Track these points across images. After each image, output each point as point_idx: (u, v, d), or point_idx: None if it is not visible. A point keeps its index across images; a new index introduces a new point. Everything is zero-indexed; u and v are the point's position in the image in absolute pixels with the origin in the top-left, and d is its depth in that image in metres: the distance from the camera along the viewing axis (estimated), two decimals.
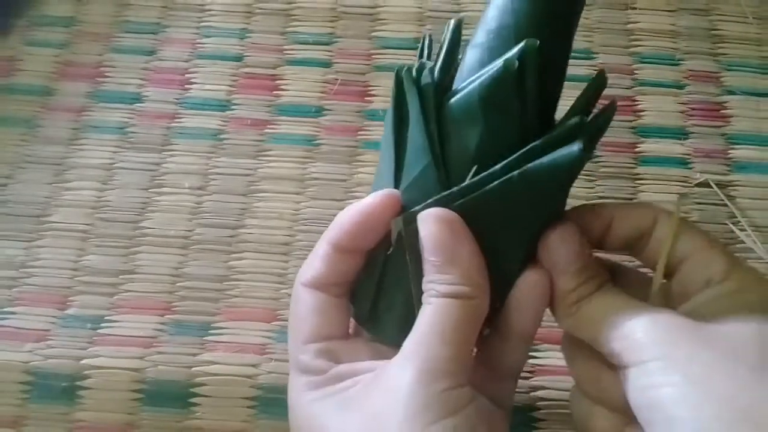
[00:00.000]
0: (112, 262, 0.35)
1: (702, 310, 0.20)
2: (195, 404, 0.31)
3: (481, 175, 0.20)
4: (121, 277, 0.34)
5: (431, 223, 0.21)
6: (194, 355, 0.32)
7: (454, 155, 0.21)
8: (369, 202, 0.22)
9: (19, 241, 0.35)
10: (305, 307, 0.22)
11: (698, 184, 0.37)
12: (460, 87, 0.21)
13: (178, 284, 0.34)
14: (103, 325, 0.33)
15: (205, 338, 0.33)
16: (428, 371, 0.19)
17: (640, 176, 0.37)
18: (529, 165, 0.20)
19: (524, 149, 0.20)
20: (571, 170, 0.20)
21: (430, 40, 0.24)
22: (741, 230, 0.35)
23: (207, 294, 0.34)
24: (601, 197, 0.36)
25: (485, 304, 0.21)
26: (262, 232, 0.36)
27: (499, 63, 0.20)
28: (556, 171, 0.19)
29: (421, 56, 0.23)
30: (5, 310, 0.34)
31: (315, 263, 0.23)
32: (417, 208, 0.21)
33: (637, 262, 0.23)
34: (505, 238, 0.21)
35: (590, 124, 0.21)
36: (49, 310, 0.34)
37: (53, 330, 0.33)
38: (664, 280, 0.22)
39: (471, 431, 0.19)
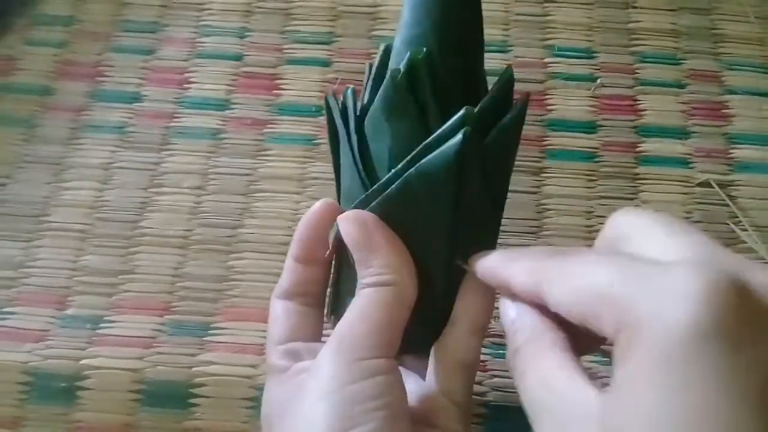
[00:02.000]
0: (111, 262, 0.35)
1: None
2: (194, 405, 0.31)
3: (387, 176, 0.22)
4: (120, 277, 0.34)
5: (346, 223, 0.23)
6: (193, 355, 0.32)
7: (375, 164, 0.23)
8: (309, 212, 0.25)
9: (18, 241, 0.35)
10: (274, 314, 0.25)
11: (699, 184, 0.36)
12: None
13: (177, 284, 0.34)
14: (102, 325, 0.33)
15: (204, 338, 0.33)
16: (346, 343, 0.21)
17: (641, 176, 0.37)
18: (423, 160, 0.21)
19: (420, 146, 0.22)
20: (459, 158, 0.21)
21: (371, 68, 0.26)
22: (742, 230, 0.35)
23: (206, 294, 0.34)
24: (601, 197, 0.36)
25: (409, 289, 0.22)
26: (261, 232, 0.35)
27: (387, 75, 0.22)
28: (446, 161, 0.21)
29: (367, 81, 0.26)
30: (4, 310, 0.33)
31: (282, 276, 0.26)
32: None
33: None
34: (425, 231, 0.23)
35: (479, 113, 0.22)
36: (48, 311, 0.33)
37: (52, 330, 0.33)
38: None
39: (389, 400, 0.21)
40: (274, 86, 0.40)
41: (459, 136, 0.21)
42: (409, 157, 0.22)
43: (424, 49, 0.22)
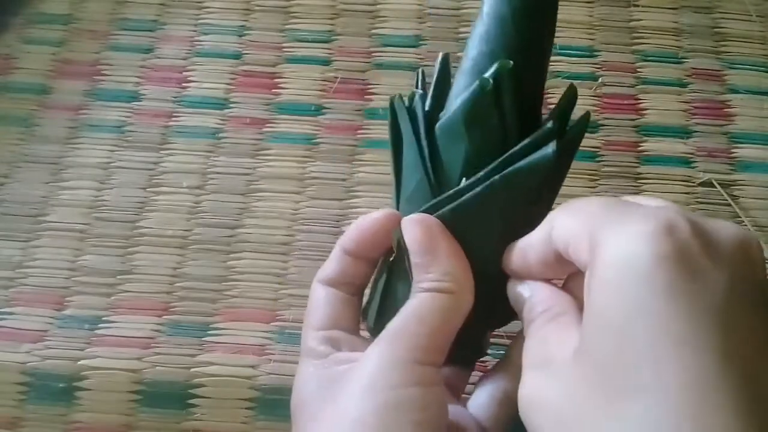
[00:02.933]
0: (109, 262, 0.34)
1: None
2: (193, 405, 0.31)
3: (467, 182, 0.22)
4: (118, 277, 0.34)
5: (411, 226, 0.23)
6: (193, 356, 0.32)
7: (444, 169, 0.23)
8: (371, 217, 0.25)
9: (16, 241, 0.35)
10: (317, 298, 0.25)
11: (701, 184, 0.36)
12: (448, 110, 0.23)
13: (176, 284, 0.34)
14: (100, 325, 0.33)
15: (203, 339, 0.33)
16: (401, 341, 0.21)
17: (643, 175, 0.37)
18: (509, 168, 0.22)
19: (505, 155, 0.22)
20: (546, 171, 0.22)
21: (423, 75, 0.26)
22: None
23: (205, 294, 0.34)
24: (603, 197, 0.36)
25: (466, 298, 0.22)
26: (261, 232, 0.35)
27: (476, 84, 0.22)
28: (533, 172, 0.22)
29: (418, 86, 0.26)
30: (2, 310, 0.33)
31: (328, 263, 0.25)
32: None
33: None
34: (488, 243, 0.23)
35: (564, 128, 0.23)
36: (46, 311, 0.33)
37: (50, 330, 0.33)
38: None
39: (430, 415, 0.20)
40: (274, 85, 0.39)
41: (550, 149, 0.21)
42: (493, 164, 0.22)
43: (511, 62, 0.22)
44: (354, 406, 0.20)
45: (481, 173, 0.22)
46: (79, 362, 0.32)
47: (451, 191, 0.23)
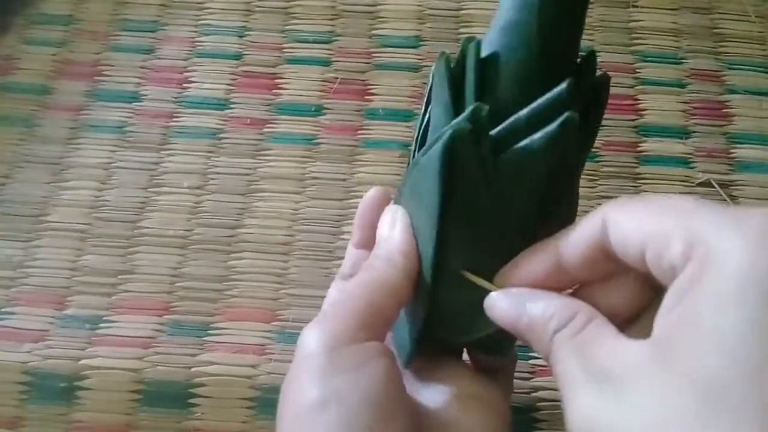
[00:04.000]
0: (110, 262, 0.34)
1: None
2: (194, 405, 0.31)
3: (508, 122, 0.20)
4: (119, 277, 0.34)
5: (384, 214, 0.24)
6: (193, 355, 0.32)
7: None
8: (363, 200, 0.25)
9: (17, 241, 0.35)
10: (330, 295, 0.25)
11: (700, 184, 0.36)
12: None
13: (176, 284, 0.34)
14: (101, 325, 0.33)
15: (204, 339, 0.33)
16: (328, 325, 0.21)
17: (642, 176, 0.37)
18: (527, 109, 0.19)
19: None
20: (563, 108, 0.19)
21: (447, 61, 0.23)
22: None
23: (206, 294, 0.34)
24: (602, 197, 0.36)
25: (397, 281, 0.21)
26: (261, 232, 0.35)
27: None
28: (552, 109, 0.19)
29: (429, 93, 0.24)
30: (3, 310, 0.33)
31: (343, 263, 0.26)
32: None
33: None
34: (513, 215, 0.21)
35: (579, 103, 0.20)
36: (47, 311, 0.33)
37: (51, 330, 0.33)
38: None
39: (379, 384, 0.20)
40: (274, 85, 0.39)
41: (563, 85, 0.19)
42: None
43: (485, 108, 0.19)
44: (308, 392, 0.20)
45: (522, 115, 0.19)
46: (79, 362, 0.32)
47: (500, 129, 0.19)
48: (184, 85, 0.39)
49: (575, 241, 0.19)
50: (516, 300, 0.20)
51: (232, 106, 0.39)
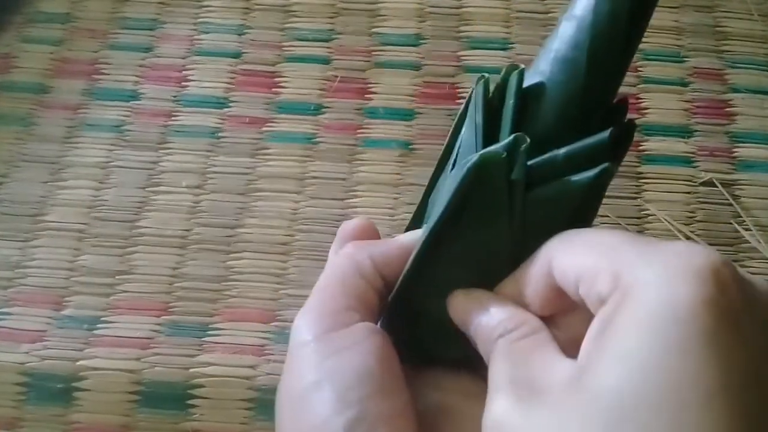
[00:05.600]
0: (108, 262, 0.34)
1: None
2: (192, 406, 0.31)
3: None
4: (117, 277, 0.34)
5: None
6: (192, 356, 0.32)
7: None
8: (348, 227, 0.24)
9: (15, 240, 0.35)
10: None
11: (703, 183, 0.36)
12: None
13: (175, 284, 0.34)
14: (99, 325, 0.33)
15: (202, 339, 0.32)
16: (310, 314, 0.21)
17: (644, 175, 0.36)
18: (572, 147, 0.19)
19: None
20: (601, 155, 0.19)
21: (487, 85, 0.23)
22: (746, 230, 0.35)
23: (205, 294, 0.34)
24: (604, 196, 0.36)
25: (359, 259, 0.22)
26: (260, 232, 0.35)
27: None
28: (591, 154, 0.19)
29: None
30: (1, 310, 0.33)
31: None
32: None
33: None
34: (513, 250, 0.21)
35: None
36: (45, 311, 0.33)
37: (49, 331, 0.33)
38: None
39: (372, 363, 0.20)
40: (274, 84, 0.39)
41: (606, 134, 0.19)
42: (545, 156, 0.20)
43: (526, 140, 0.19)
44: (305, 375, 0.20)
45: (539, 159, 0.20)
46: (77, 362, 0.32)
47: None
48: (183, 83, 0.39)
49: (529, 282, 0.20)
50: (473, 300, 0.21)
51: (231, 104, 0.39)
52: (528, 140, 0.19)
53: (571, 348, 0.18)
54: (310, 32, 0.41)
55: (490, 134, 0.21)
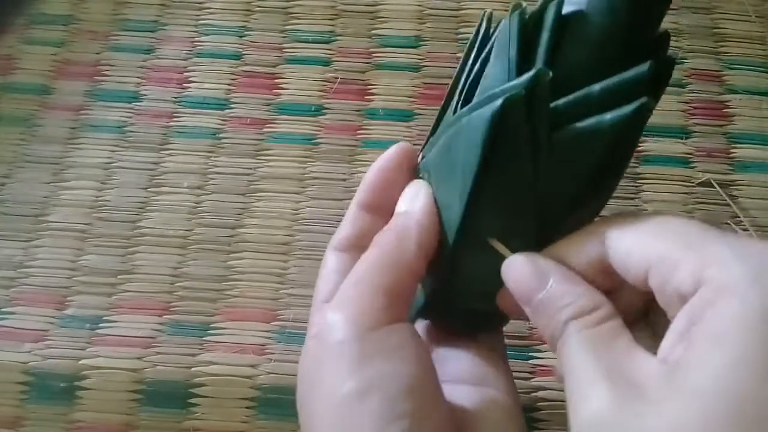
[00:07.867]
0: (110, 262, 0.34)
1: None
2: (194, 405, 0.31)
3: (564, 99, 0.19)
4: (119, 277, 0.34)
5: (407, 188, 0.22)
6: (193, 355, 0.32)
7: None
8: (385, 155, 0.23)
9: (18, 240, 0.35)
10: (326, 267, 0.23)
11: (700, 184, 0.36)
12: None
13: (177, 284, 0.34)
14: (101, 325, 0.33)
15: (204, 338, 0.33)
16: (347, 312, 0.20)
17: (642, 176, 0.37)
18: (610, 80, 0.18)
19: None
20: (640, 92, 0.18)
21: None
22: (743, 230, 0.35)
23: (206, 294, 0.34)
24: None
25: (412, 252, 0.21)
26: (261, 232, 0.35)
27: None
28: (632, 88, 0.18)
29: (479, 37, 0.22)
30: (3, 310, 0.33)
31: (342, 226, 0.23)
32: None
33: None
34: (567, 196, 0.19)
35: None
36: (47, 311, 0.33)
37: (52, 330, 0.33)
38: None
39: (410, 367, 0.19)
40: (274, 85, 0.39)
41: (645, 67, 0.18)
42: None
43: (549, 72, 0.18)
44: (339, 384, 0.18)
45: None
46: (80, 362, 0.32)
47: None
48: (184, 85, 0.39)
49: (577, 256, 0.18)
50: (541, 270, 0.19)
51: (232, 105, 0.39)
52: (550, 74, 0.18)
53: None
54: (311, 34, 0.41)
55: (520, 71, 0.19)
